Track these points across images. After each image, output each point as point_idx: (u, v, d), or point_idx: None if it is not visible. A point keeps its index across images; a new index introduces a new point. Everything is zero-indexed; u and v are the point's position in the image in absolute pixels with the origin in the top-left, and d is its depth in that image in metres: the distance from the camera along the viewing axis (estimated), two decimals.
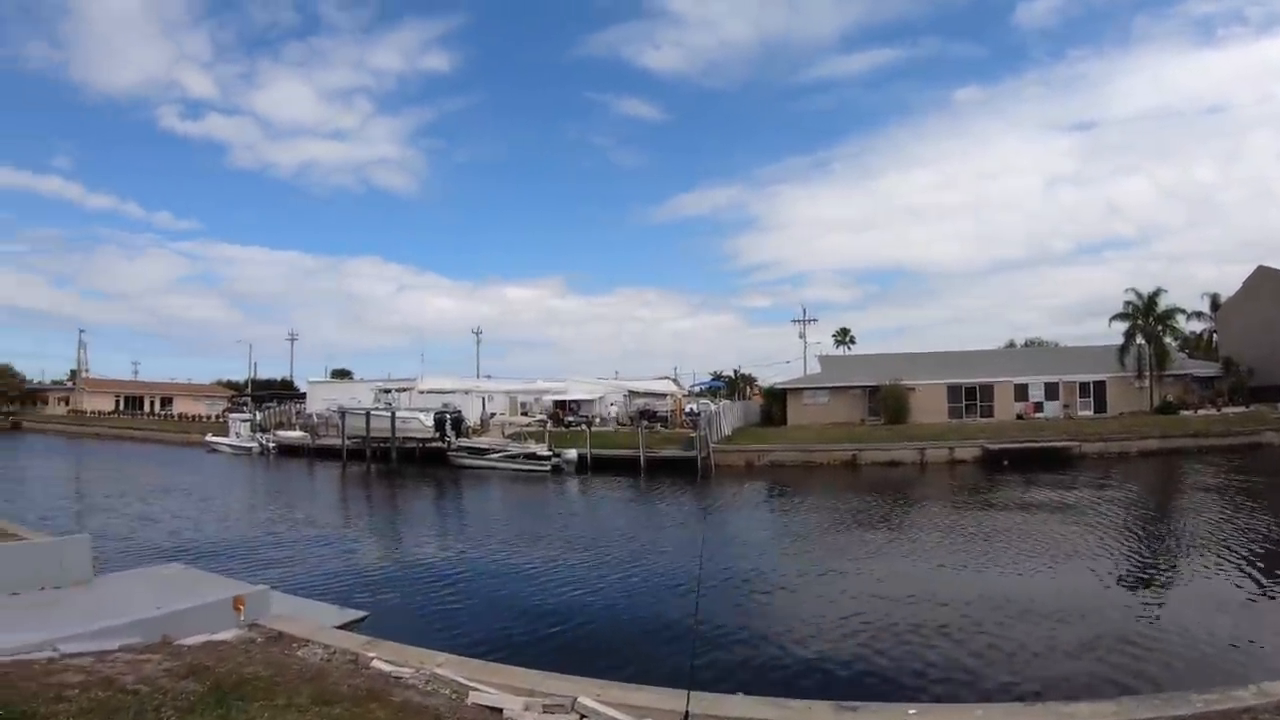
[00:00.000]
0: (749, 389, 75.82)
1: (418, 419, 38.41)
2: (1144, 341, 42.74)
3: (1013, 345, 72.79)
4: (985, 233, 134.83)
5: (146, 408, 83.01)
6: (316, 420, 47.82)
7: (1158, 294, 43.40)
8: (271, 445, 45.55)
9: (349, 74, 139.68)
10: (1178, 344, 47.06)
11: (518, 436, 38.26)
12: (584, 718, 5.56)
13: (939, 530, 18.26)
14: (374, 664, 6.64)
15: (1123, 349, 42.73)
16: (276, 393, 72.77)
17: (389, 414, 38.65)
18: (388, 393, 47.78)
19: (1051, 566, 14.02)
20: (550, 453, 33.93)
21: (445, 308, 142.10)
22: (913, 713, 5.80)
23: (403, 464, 36.57)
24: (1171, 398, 41.70)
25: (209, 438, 50.50)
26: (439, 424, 38.14)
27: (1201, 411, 40.18)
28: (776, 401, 50.59)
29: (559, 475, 32.49)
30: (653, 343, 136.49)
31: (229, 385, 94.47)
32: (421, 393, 44.22)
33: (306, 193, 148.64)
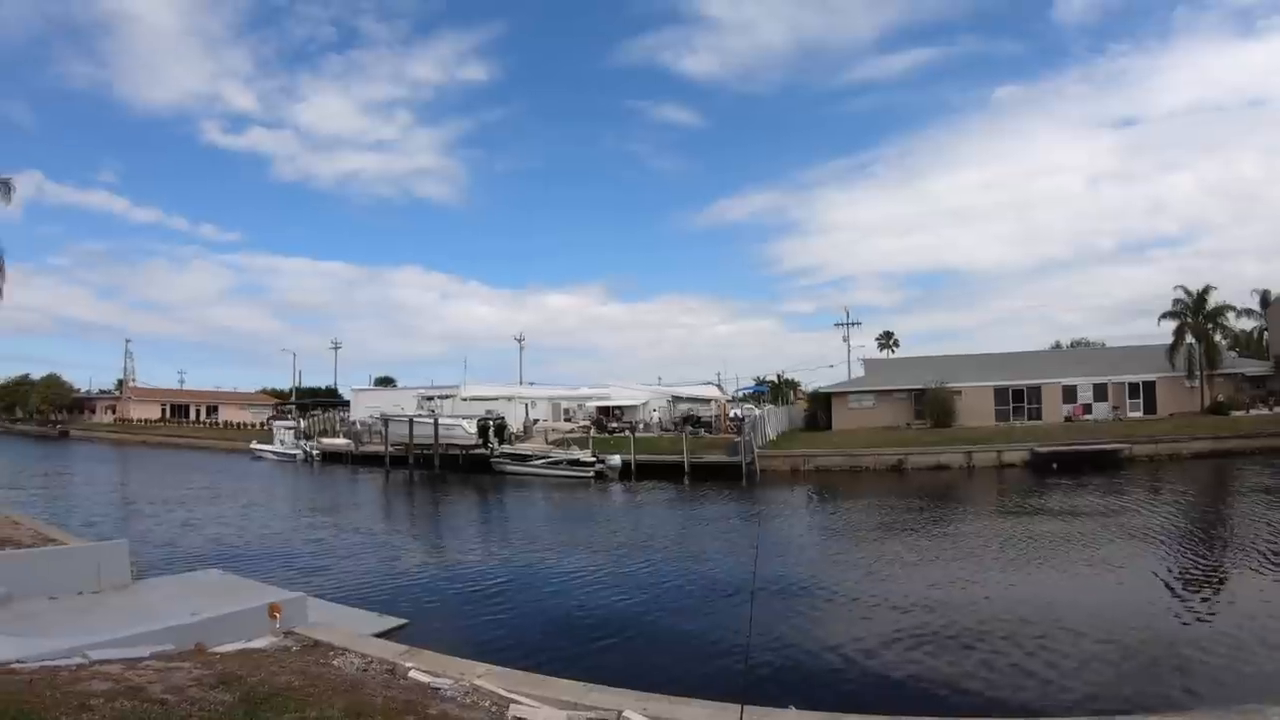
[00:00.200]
0: (792, 394, 74.86)
1: (461, 426, 38.40)
2: (1194, 340, 41.21)
3: (1059, 346, 70.63)
4: (1029, 232, 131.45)
5: (192, 416, 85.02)
6: (360, 427, 48.31)
7: (1207, 291, 42.00)
8: (315, 452, 46.13)
9: (388, 86, 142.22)
10: (1227, 342, 45.01)
11: (561, 443, 38.14)
12: None
13: (991, 536, 17.52)
14: (412, 674, 6.37)
15: (1172, 348, 41.25)
16: (321, 401, 73.60)
17: (432, 421, 38.91)
18: (431, 400, 48.16)
19: (1114, 573, 13.38)
20: (594, 459, 33.62)
21: (487, 315, 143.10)
22: None
23: (446, 470, 36.65)
24: (1222, 398, 40.03)
25: (254, 445, 51.35)
26: (482, 430, 38.14)
27: (1253, 411, 38.71)
28: (821, 405, 49.80)
29: (603, 481, 32.23)
30: (695, 349, 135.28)
31: (274, 394, 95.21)
32: (464, 400, 44.39)
33: (349, 203, 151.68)
